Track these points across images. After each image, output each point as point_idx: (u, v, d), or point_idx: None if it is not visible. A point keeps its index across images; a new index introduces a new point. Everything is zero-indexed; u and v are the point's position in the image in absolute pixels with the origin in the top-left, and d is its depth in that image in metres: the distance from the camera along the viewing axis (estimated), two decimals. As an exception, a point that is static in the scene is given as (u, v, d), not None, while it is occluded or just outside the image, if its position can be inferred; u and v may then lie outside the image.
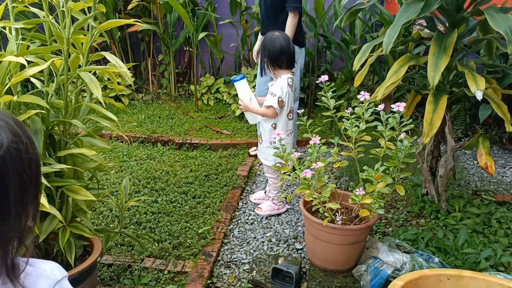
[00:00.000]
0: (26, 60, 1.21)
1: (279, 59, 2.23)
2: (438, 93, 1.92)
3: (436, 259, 1.81)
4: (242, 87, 2.29)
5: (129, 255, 2.00)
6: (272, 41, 2.23)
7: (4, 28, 1.28)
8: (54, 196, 1.43)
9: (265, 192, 2.56)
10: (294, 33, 2.69)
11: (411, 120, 1.74)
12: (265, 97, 2.28)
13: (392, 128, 1.71)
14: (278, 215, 2.43)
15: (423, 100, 2.43)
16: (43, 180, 1.21)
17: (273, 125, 2.28)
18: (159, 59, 4.55)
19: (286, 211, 2.47)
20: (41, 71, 1.31)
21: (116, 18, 4.25)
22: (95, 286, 1.59)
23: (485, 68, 2.45)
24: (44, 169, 1.27)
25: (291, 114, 2.32)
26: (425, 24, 2.33)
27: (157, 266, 1.92)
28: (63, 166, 1.33)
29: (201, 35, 4.05)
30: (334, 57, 3.91)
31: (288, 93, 2.23)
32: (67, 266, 1.52)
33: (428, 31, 2.50)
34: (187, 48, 4.46)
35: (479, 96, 1.72)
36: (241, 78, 2.28)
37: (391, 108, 1.72)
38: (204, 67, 4.52)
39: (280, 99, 2.20)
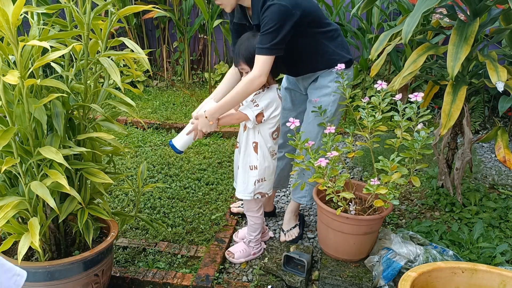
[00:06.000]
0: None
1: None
2: (457, 84, 1.88)
3: (451, 252, 1.80)
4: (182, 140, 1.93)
5: (143, 238, 2.05)
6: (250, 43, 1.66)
7: (26, 13, 1.29)
8: (73, 178, 1.47)
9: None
10: (342, 49, 1.85)
11: (428, 110, 1.71)
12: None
13: (409, 119, 1.69)
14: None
15: (441, 91, 2.39)
16: (64, 162, 1.24)
17: (254, 145, 1.76)
18: (174, 46, 4.55)
19: (263, 251, 1.98)
20: (61, 56, 1.33)
21: (132, 5, 4.26)
22: (110, 267, 1.64)
23: (506, 59, 2.39)
24: (63, 152, 1.29)
25: (276, 132, 1.79)
26: (445, 12, 2.27)
27: (170, 250, 1.96)
28: (83, 149, 1.36)
29: (216, 22, 4.03)
30: (350, 46, 3.86)
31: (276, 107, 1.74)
32: (85, 247, 1.57)
33: (448, 20, 2.44)
34: (202, 36, 4.45)
35: (500, 87, 1.68)
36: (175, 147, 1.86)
37: (408, 98, 1.69)
38: (218, 54, 4.51)
39: (260, 111, 1.70)
